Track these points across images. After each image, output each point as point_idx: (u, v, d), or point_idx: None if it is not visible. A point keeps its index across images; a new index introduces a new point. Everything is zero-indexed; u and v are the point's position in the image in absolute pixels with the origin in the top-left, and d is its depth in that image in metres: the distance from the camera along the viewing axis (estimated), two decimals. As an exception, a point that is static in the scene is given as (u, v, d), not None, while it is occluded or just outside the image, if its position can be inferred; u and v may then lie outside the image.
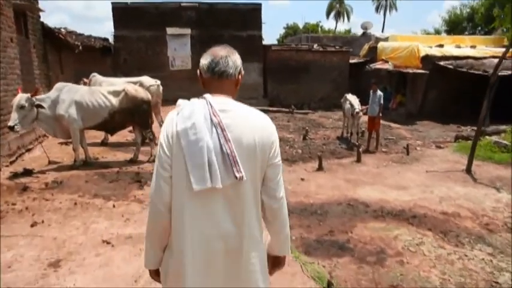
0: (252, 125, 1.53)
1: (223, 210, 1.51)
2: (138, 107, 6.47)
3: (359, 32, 24.24)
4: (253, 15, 16.08)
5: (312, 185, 6.85)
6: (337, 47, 17.73)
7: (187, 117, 1.49)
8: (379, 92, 9.43)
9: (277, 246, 1.75)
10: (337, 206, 5.86)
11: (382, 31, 29.87)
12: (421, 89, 15.39)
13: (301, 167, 7.98)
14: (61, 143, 8.25)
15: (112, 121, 6.39)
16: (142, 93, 6.58)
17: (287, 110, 15.78)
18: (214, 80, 1.60)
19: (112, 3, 14.78)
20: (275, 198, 1.61)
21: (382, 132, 11.21)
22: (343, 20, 55.77)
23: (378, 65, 16.41)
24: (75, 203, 4.81)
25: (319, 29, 49.32)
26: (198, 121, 1.47)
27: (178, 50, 15.38)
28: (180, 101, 1.59)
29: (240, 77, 1.67)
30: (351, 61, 17.94)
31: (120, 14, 14.81)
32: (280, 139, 10.79)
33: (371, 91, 9.65)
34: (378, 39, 18.21)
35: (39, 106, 5.88)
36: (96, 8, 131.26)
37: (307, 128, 11.23)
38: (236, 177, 1.45)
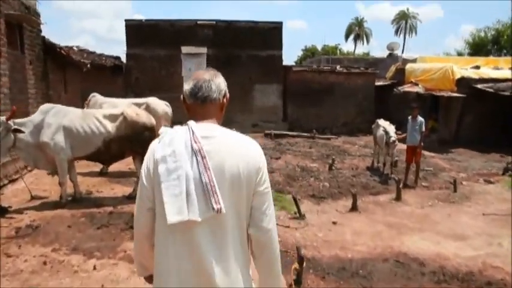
0: (236, 151, 1.44)
1: (205, 245, 1.40)
2: (139, 134, 5.41)
3: (378, 54, 23.38)
4: (274, 34, 15.17)
5: (347, 231, 5.61)
6: (362, 69, 16.61)
7: (167, 144, 1.43)
8: (420, 118, 8.18)
9: (267, 283, 1.59)
10: (383, 264, 4.61)
11: (402, 53, 29.07)
12: (456, 114, 14.08)
13: (331, 206, 6.74)
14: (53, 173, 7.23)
15: (107, 151, 5.33)
16: (145, 118, 5.52)
17: (308, 135, 14.63)
18: (198, 106, 1.53)
19: (126, 20, 14.10)
20: (261, 230, 1.49)
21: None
22: (363, 43, 55.25)
23: (407, 88, 15.19)
24: (45, 262, 3.66)
25: (338, 51, 48.66)
26: (178, 148, 1.40)
27: (193, 70, 14.48)
28: (162, 129, 1.53)
29: (225, 100, 1.61)
30: (377, 83, 16.77)
31: (133, 31, 14.10)
32: (303, 169, 9.60)
33: (409, 117, 8.42)
34: (405, 61, 17.08)
35: (17, 131, 4.87)
36: (117, 30, 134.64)
37: (333, 156, 9.99)
38: (214, 209, 1.35)
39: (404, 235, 5.53)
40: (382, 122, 9.76)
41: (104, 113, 5.41)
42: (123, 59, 14.57)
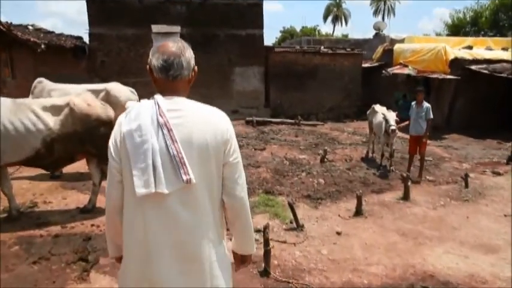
0: (203, 123, 1.46)
1: (175, 215, 1.43)
2: (91, 130, 4.17)
3: (357, 36, 22.29)
4: (254, 11, 13.84)
5: (355, 244, 4.61)
6: (348, 50, 15.56)
7: (133, 119, 1.44)
8: (426, 104, 7.20)
9: (242, 246, 1.72)
10: (409, 294, 3.65)
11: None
12: (448, 98, 13.26)
13: (331, 210, 5.72)
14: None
15: (49, 154, 4.05)
16: (99, 109, 4.26)
17: (292, 121, 13.55)
18: (168, 82, 1.52)
19: (87, -6, 12.46)
20: (234, 197, 1.57)
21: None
22: (341, 25, 54.27)
23: (396, 70, 14.29)
24: None
25: (317, 33, 47.58)
26: (144, 122, 1.42)
27: (166, 52, 13.08)
28: (128, 103, 1.54)
29: (193, 74, 1.61)
30: (363, 65, 15.78)
31: (96, 7, 12.48)
32: (292, 162, 8.49)
33: (413, 103, 7.43)
34: (393, 41, 16.13)
35: None
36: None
37: (325, 147, 8.96)
38: (183, 180, 1.38)
39: (424, 247, 4.58)
40: (378, 107, 8.78)
41: (44, 103, 4.10)
42: (87, 39, 12.96)
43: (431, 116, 7.10)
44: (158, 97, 1.48)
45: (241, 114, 13.71)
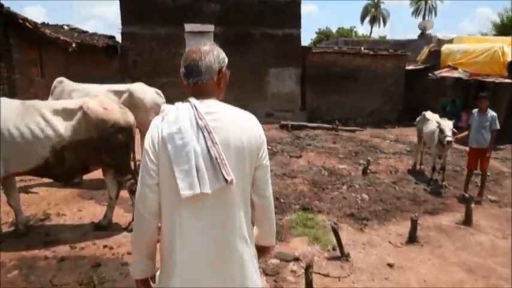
0: (239, 126, 1.50)
1: (213, 216, 1.48)
2: (108, 137, 3.62)
3: (395, 37, 20.99)
4: (291, 9, 13.12)
5: (412, 281, 3.83)
6: (390, 50, 14.54)
7: (172, 122, 1.46)
8: (492, 113, 6.23)
9: (265, 238, 1.79)
10: None
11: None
12: (505, 104, 12.00)
13: (380, 234, 4.92)
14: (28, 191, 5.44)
15: (60, 163, 3.53)
16: (117, 114, 3.70)
17: (330, 126, 12.71)
18: (191, 87, 1.57)
19: (120, -7, 12.19)
20: (265, 198, 1.64)
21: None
22: (379, 26, 52.48)
23: (445, 73, 13.12)
24: None
25: (353, 34, 46.24)
26: (184, 125, 1.45)
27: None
28: (163, 106, 1.56)
29: (220, 75, 1.59)
30: (407, 67, 14.70)
31: (129, 6, 12.19)
32: (331, 172, 7.67)
33: (475, 110, 6.48)
34: (440, 42, 14.93)
35: None
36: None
37: (368, 158, 8.12)
38: (226, 180, 1.43)
39: (500, 290, 3.73)
40: (430, 114, 7.88)
41: (55, 106, 3.58)
42: (119, 38, 12.71)
43: (498, 127, 6.14)
44: (194, 100, 1.52)
45: (275, 117, 13.05)
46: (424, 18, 50.59)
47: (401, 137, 12.34)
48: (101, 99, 3.76)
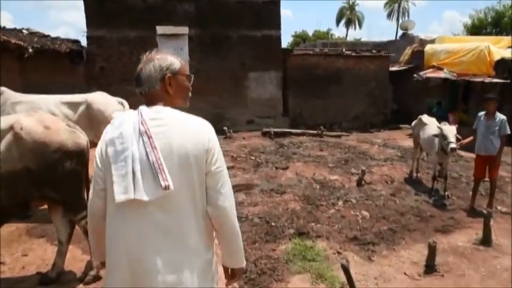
0: (184, 132, 1.48)
1: (156, 222, 1.43)
2: (50, 165, 2.74)
3: (372, 39, 20.67)
4: (270, 10, 12.39)
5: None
6: (373, 51, 14.04)
7: (116, 127, 1.49)
8: (501, 116, 5.62)
9: (228, 258, 1.69)
10: None
11: (395, 38, 25.40)
12: (493, 104, 11.60)
13: (391, 263, 4.19)
14: None
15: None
16: (62, 134, 2.79)
17: (315, 132, 12.05)
18: (144, 95, 1.59)
19: (84, -7, 11.16)
20: (216, 207, 1.55)
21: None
22: (355, 28, 52.75)
23: (430, 73, 12.70)
24: None
25: (330, 36, 46.23)
26: (126, 130, 1.45)
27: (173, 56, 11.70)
28: (115, 113, 1.58)
29: (165, 82, 1.57)
30: (391, 69, 14.24)
31: (94, 7, 11.18)
32: (323, 185, 6.83)
33: (481, 114, 5.86)
34: (423, 42, 14.56)
35: None
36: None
37: (363, 167, 7.42)
38: (162, 186, 1.39)
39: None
40: (427, 118, 7.29)
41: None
42: (85, 43, 11.65)
43: (508, 131, 5.53)
44: (142, 107, 1.53)
45: (256, 124, 12.30)
46: (398, 20, 51.27)
47: (389, 141, 11.80)
48: (40, 115, 2.85)
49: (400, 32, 16.58)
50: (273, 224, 5.14)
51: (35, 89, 8.53)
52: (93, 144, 4.70)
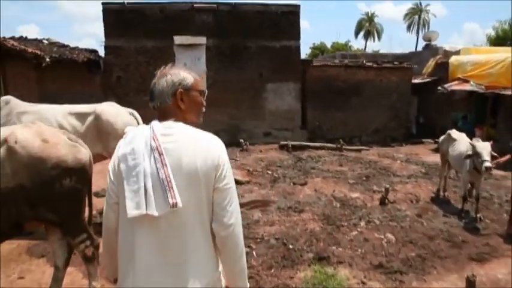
0: (194, 148, 1.48)
1: (165, 238, 1.45)
2: (47, 183, 2.48)
3: (393, 51, 20.19)
4: (289, 20, 12.17)
5: None
6: (395, 63, 13.61)
7: (128, 142, 1.50)
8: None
9: (231, 278, 1.64)
10: None
11: (415, 50, 24.86)
12: (524, 119, 11.02)
13: (423, 298, 3.76)
14: None
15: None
16: (61, 149, 2.52)
17: (334, 146, 11.65)
18: (157, 110, 1.59)
19: (103, 3, 11.12)
20: (222, 225, 1.52)
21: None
22: (373, 40, 52.25)
23: (456, 86, 12.18)
24: None
25: (348, 48, 45.76)
26: (138, 146, 1.46)
27: (190, 66, 11.50)
28: (127, 128, 1.61)
29: (177, 98, 1.57)
30: (413, 81, 13.77)
31: (113, 17, 11.16)
32: (344, 203, 6.33)
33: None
34: (447, 53, 14.05)
35: None
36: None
37: (386, 185, 7.00)
38: (169, 204, 1.39)
39: None
40: (456, 134, 6.82)
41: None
42: (102, 53, 11.62)
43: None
44: (154, 122, 1.53)
45: (274, 137, 11.98)
46: (418, 32, 50.56)
47: (411, 156, 11.30)
48: (39, 127, 2.59)
49: (421, 44, 16.11)
50: (290, 246, 4.78)
51: (52, 98, 8.50)
52: (101, 157, 4.49)
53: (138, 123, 4.40)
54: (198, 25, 11.51)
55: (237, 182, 7.59)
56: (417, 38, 57.78)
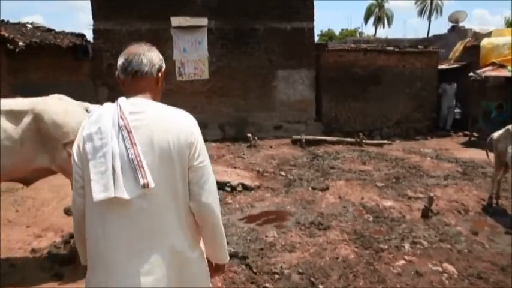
0: (166, 126, 1.43)
1: (138, 222, 1.38)
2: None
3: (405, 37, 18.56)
4: (302, -2, 10.77)
5: None
6: (420, 47, 12.22)
7: (94, 121, 1.43)
8: None
9: (212, 254, 1.67)
10: None
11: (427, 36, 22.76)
12: None
13: None
14: None
15: None
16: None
17: (352, 140, 10.37)
18: (129, 81, 1.52)
19: (90, -19, 9.82)
20: (200, 204, 1.50)
21: None
22: (383, 26, 50.43)
23: (491, 71, 10.78)
24: None
25: (358, 35, 44.12)
26: (105, 125, 1.40)
27: (190, 51, 10.20)
28: (90, 107, 1.69)
29: (159, 74, 1.58)
30: (440, 67, 12.37)
31: (102, -2, 9.86)
32: (377, 214, 4.09)
33: None
34: (477, 35, 12.62)
35: None
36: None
37: (431, 195, 5.70)
38: (140, 184, 1.34)
39: None
40: (517, 131, 5.46)
41: None
42: (91, 37, 10.33)
43: None
44: (121, 99, 1.46)
45: (285, 130, 10.71)
46: (430, 18, 48.66)
47: (441, 152, 10.00)
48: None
49: (436, 29, 14.65)
50: (320, 287, 3.52)
51: (31, 90, 7.35)
52: (48, 171, 3.22)
53: None
54: (198, 4, 10.13)
55: (246, 188, 6.40)
56: (429, 25, 55.80)
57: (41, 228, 4.59)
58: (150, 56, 1.52)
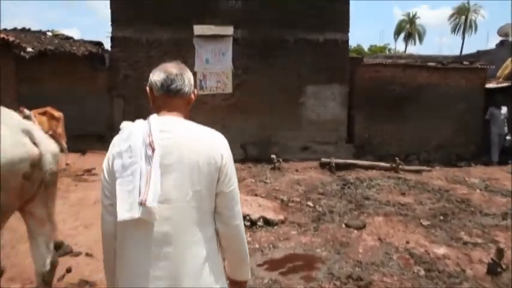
0: (197, 146, 1.41)
1: (160, 245, 1.35)
2: None
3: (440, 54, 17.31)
4: (337, 7, 9.92)
5: None
6: (465, 63, 11.10)
7: (124, 139, 1.43)
8: None
9: (235, 271, 1.64)
10: None
11: (460, 54, 21.20)
12: None
13: None
14: None
15: None
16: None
17: (387, 165, 9.30)
18: (168, 98, 1.50)
19: (110, -11, 9.31)
20: (229, 226, 1.50)
21: None
22: (414, 43, 49.09)
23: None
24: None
25: (387, 51, 42.93)
26: (135, 143, 1.38)
27: (213, 62, 9.46)
28: (123, 123, 1.55)
29: (193, 96, 1.58)
30: (487, 86, 11.20)
31: (122, 5, 9.29)
32: (429, 267, 3.02)
33: None
34: (529, 52, 11.39)
35: None
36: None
37: (500, 244, 4.63)
38: (139, 200, 1.31)
39: None
40: None
41: None
42: (108, 46, 9.79)
43: None
44: (152, 117, 1.46)
45: (313, 152, 9.77)
46: (464, 35, 47.00)
47: (490, 182, 8.78)
48: None
49: (473, 45, 13.49)
50: None
51: (46, 99, 6.97)
52: None
53: (37, 145, 2.20)
54: (223, 12, 9.44)
55: (268, 223, 5.48)
56: (462, 42, 53.93)
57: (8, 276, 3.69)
58: (189, 76, 1.55)
